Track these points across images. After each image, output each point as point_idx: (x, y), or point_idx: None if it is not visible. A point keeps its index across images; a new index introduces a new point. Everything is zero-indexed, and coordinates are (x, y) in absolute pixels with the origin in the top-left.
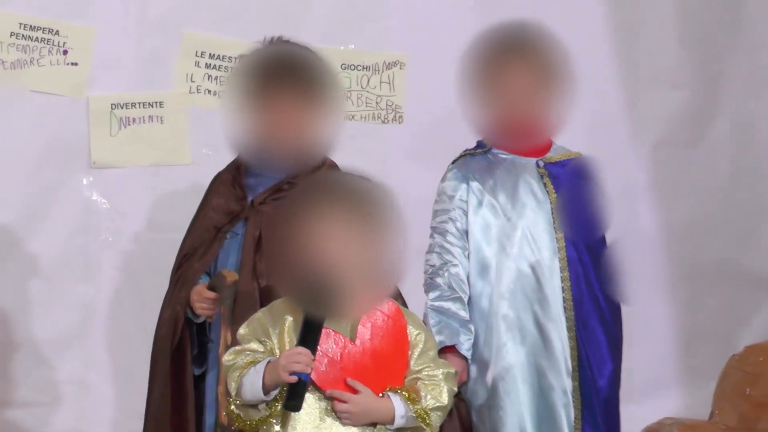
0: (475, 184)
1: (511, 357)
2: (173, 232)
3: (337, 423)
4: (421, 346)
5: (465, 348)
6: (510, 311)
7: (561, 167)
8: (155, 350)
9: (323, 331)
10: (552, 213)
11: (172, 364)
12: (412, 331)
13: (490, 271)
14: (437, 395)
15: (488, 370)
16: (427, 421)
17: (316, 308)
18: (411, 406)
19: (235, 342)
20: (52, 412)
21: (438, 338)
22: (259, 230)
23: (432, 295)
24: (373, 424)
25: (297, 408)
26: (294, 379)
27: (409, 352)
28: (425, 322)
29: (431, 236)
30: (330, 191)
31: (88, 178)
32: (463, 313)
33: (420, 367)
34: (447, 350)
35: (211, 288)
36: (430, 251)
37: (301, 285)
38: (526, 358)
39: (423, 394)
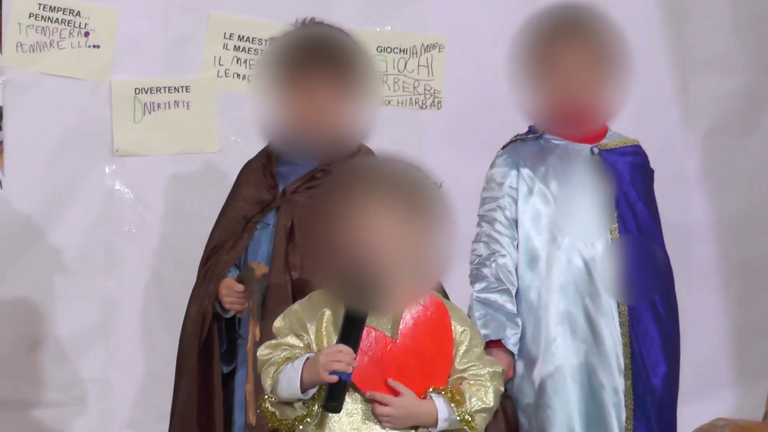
0: (525, 171)
1: (560, 353)
2: (200, 224)
3: (377, 427)
4: (466, 343)
5: (512, 343)
6: (560, 305)
7: (617, 155)
8: (182, 347)
9: None
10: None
11: (199, 361)
12: (456, 328)
13: (540, 262)
14: (482, 396)
15: (536, 367)
16: (472, 425)
17: (358, 303)
18: (455, 409)
19: (264, 338)
20: (74, 413)
21: (483, 332)
22: (291, 220)
23: (478, 286)
24: (415, 427)
25: (337, 410)
26: (334, 378)
27: (453, 350)
28: (470, 314)
29: (478, 225)
30: (374, 177)
31: (110, 166)
32: (510, 306)
33: (465, 366)
34: (492, 345)
35: (239, 281)
36: (477, 240)
37: (342, 278)
38: (575, 355)
39: (467, 395)
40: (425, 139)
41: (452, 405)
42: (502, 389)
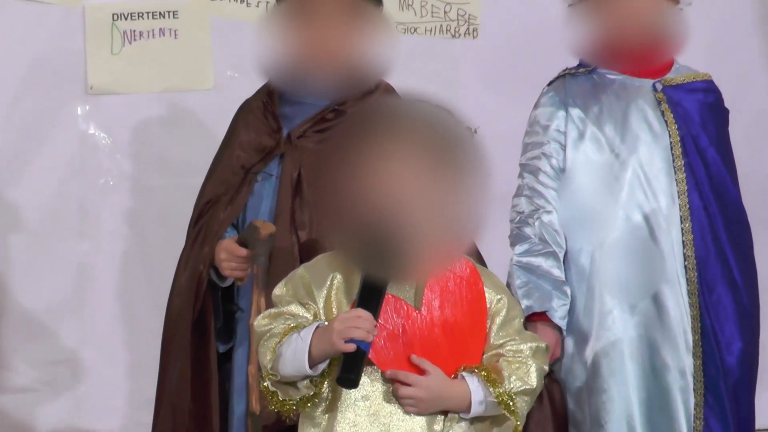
0: (575, 112)
1: (617, 328)
2: (191, 175)
3: (399, 411)
4: (503, 314)
5: (559, 316)
6: (617, 271)
7: (684, 92)
8: (169, 322)
9: None
10: (671, 149)
11: (191, 339)
12: (491, 296)
13: (593, 220)
14: (523, 375)
15: (588, 344)
16: (512, 408)
17: (377, 269)
18: (491, 390)
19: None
20: (41, 400)
21: (525, 303)
22: (298, 170)
23: (519, 248)
24: (444, 412)
25: (354, 384)
26: (352, 347)
27: (488, 322)
28: (509, 283)
29: (520, 176)
30: (397, 121)
31: (83, 106)
32: (557, 272)
33: (502, 341)
34: (536, 318)
35: (241, 243)
36: (518, 194)
37: (359, 239)
38: (635, 330)
39: (506, 374)
40: (458, 73)
41: (488, 385)
42: (546, 368)
